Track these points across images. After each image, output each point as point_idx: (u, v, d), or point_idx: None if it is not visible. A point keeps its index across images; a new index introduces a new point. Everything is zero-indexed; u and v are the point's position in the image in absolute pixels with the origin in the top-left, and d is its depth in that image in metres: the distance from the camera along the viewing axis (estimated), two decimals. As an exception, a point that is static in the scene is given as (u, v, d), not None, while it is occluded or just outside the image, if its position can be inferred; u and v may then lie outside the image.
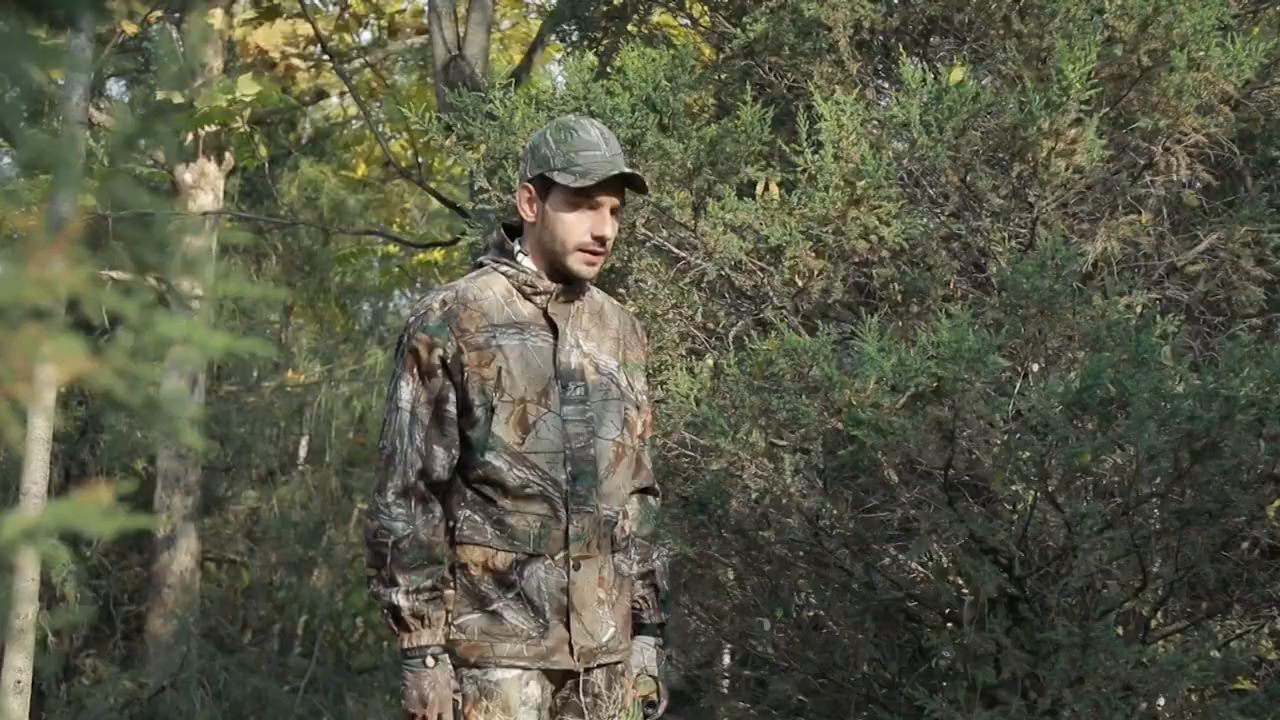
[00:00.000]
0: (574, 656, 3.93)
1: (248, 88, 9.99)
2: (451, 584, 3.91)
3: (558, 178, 3.90)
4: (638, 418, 4.11)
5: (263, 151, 10.89)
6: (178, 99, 9.61)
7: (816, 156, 5.37)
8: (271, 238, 12.13)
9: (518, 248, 4.04)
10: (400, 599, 3.81)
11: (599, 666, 4.01)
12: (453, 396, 3.89)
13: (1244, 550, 5.64)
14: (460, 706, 3.86)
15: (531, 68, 8.99)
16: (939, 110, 5.41)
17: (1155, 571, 5.40)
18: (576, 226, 3.91)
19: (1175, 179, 5.64)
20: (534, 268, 3.99)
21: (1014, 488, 5.32)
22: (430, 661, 3.83)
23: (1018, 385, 5.36)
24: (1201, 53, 5.41)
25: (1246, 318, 5.80)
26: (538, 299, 3.98)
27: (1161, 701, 5.38)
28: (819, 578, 5.69)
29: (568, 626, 3.92)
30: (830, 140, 5.41)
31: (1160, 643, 5.54)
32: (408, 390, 3.91)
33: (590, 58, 5.90)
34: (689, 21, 6.49)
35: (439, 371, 3.88)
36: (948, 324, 5.03)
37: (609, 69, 6.44)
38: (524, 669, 3.92)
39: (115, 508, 1.69)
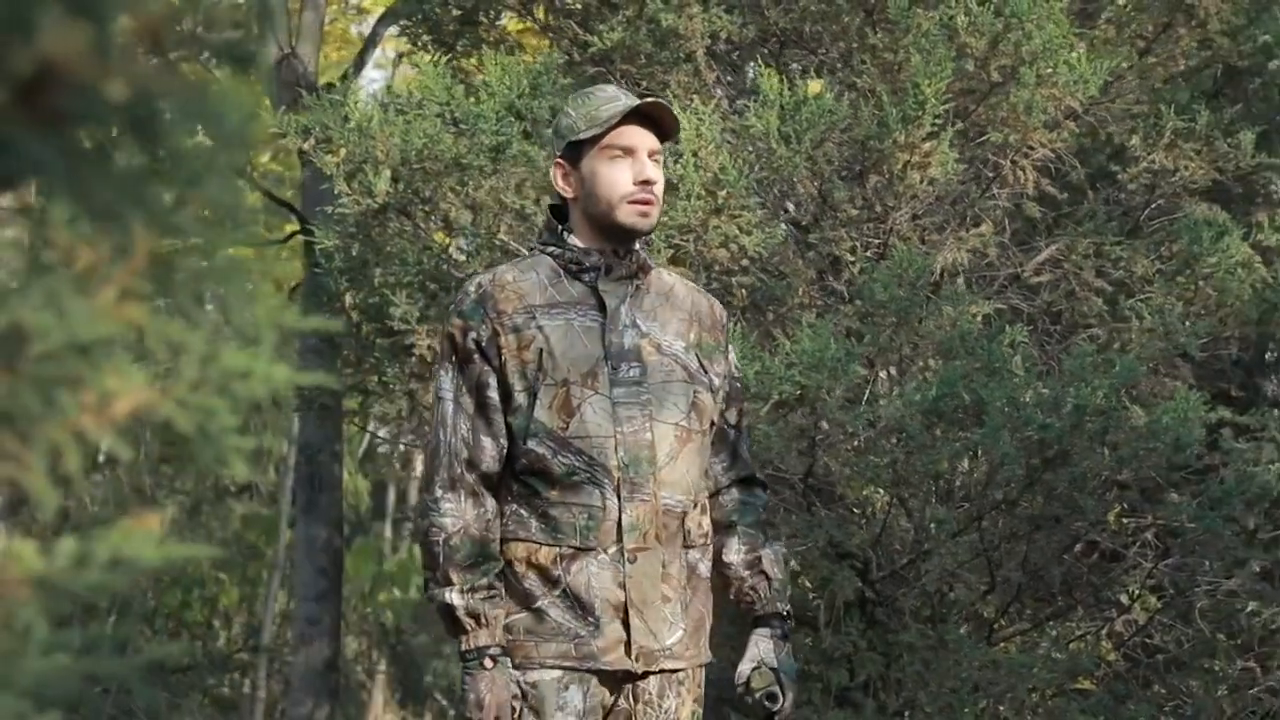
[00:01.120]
0: (632, 657, 3.65)
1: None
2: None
3: (584, 135, 3.69)
4: (713, 402, 3.82)
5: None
6: None
7: (677, 165, 5.42)
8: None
9: (562, 228, 3.85)
10: (455, 598, 3.60)
11: (658, 672, 3.71)
12: (493, 382, 3.67)
13: (1077, 554, 5.80)
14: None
15: (363, 67, 8.95)
16: (797, 122, 5.50)
17: (1002, 575, 5.54)
18: (618, 178, 3.68)
19: (1021, 191, 5.79)
20: (581, 245, 3.75)
21: (877, 493, 5.43)
22: (489, 663, 3.60)
23: (865, 394, 5.47)
24: (1049, 69, 5.56)
25: (1088, 327, 5.96)
26: (586, 276, 3.73)
27: (1003, 705, 5.51)
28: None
29: (626, 625, 3.65)
30: (690, 149, 5.47)
31: (1003, 644, 5.68)
32: (448, 379, 3.71)
33: (444, 62, 5.91)
34: (541, 28, 6.52)
35: (475, 356, 3.67)
36: (809, 333, 5.12)
37: (459, 72, 6.45)
38: (570, 669, 3.63)
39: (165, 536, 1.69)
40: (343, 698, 9.96)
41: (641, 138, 3.71)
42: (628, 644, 3.65)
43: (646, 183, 3.69)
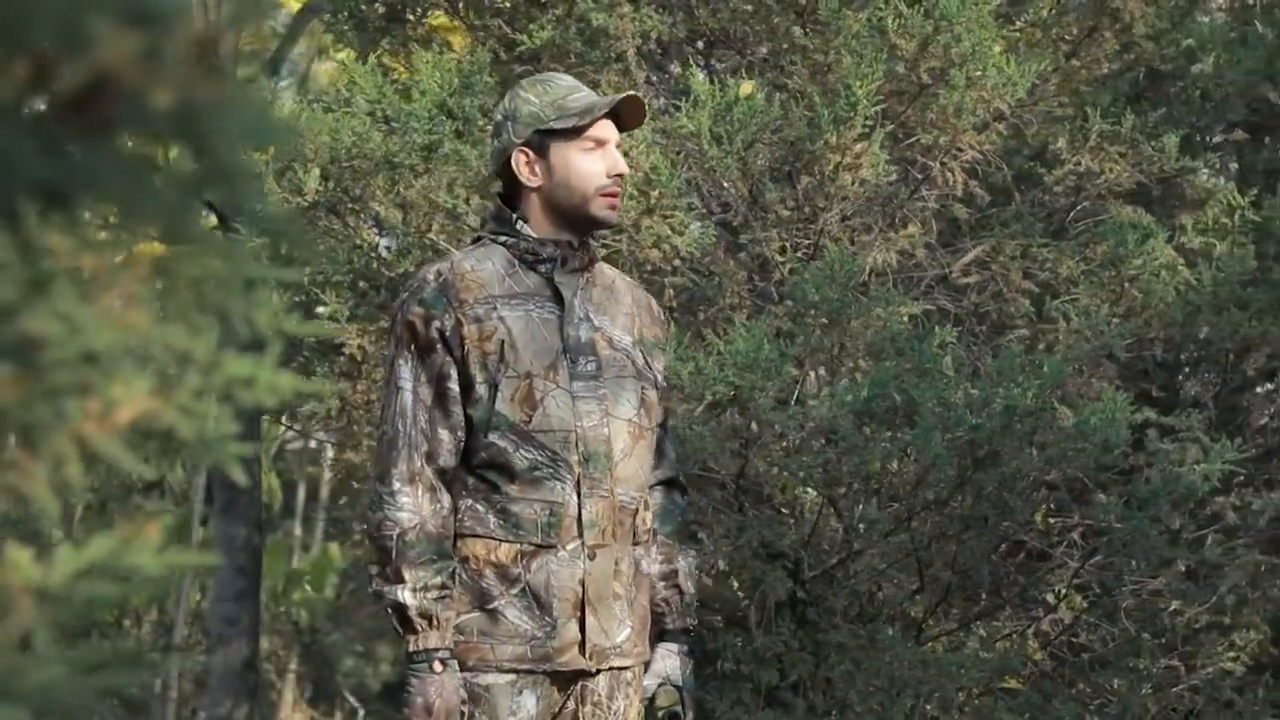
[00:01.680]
0: (586, 655, 3.64)
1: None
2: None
3: (557, 125, 3.67)
4: (657, 399, 3.82)
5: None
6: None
7: (609, 164, 5.41)
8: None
9: (515, 216, 3.78)
10: (406, 597, 3.52)
11: (608, 669, 3.69)
12: (454, 373, 3.61)
13: (1004, 554, 5.85)
14: None
15: (281, 63, 8.89)
16: (728, 122, 5.51)
17: (931, 574, 5.57)
18: (593, 170, 3.68)
19: (949, 193, 5.82)
20: (535, 235, 3.72)
21: (806, 493, 5.44)
22: (438, 666, 3.53)
23: (795, 393, 5.49)
24: (979, 72, 5.59)
25: (1014, 328, 6.00)
26: (542, 267, 3.70)
27: (930, 704, 5.54)
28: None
29: (581, 624, 3.63)
30: (621, 149, 5.45)
31: (931, 644, 5.71)
32: (407, 369, 3.62)
33: (374, 60, 5.88)
34: (468, 26, 6.49)
35: (438, 346, 3.60)
36: (743, 333, 5.13)
37: (385, 69, 6.41)
38: (526, 673, 3.60)
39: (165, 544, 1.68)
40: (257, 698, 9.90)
41: (610, 130, 3.73)
42: (582, 643, 3.63)
43: (620, 175, 3.70)
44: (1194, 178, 6.32)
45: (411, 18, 6.62)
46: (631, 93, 3.76)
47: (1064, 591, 5.77)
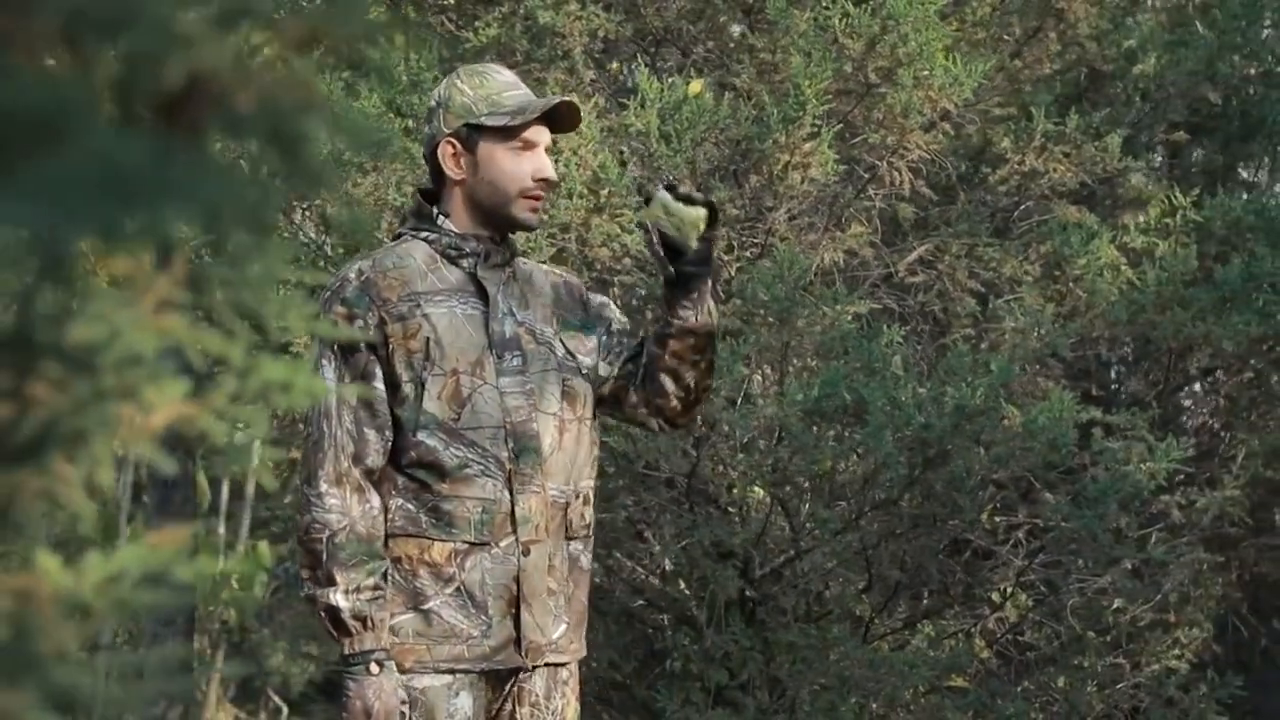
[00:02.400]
0: (522, 653, 3.59)
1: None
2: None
3: (487, 121, 3.58)
4: (586, 386, 3.73)
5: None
6: None
7: (558, 164, 5.39)
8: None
9: (436, 211, 3.73)
10: (339, 599, 3.46)
11: (544, 666, 3.64)
12: (379, 372, 3.55)
13: (949, 552, 5.87)
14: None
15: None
16: (677, 121, 5.50)
17: (878, 573, 5.59)
18: (517, 172, 3.59)
19: (895, 192, 5.84)
20: (457, 230, 3.64)
21: (756, 492, 5.45)
22: (375, 668, 3.48)
23: (742, 393, 5.49)
24: (926, 72, 5.60)
25: (960, 328, 6.03)
26: (464, 262, 3.63)
27: (877, 702, 5.55)
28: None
29: (516, 621, 3.58)
30: (570, 148, 5.45)
31: (878, 642, 5.73)
32: (330, 369, 3.54)
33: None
34: (412, 22, 6.44)
35: (361, 346, 3.54)
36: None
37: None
38: (463, 673, 3.54)
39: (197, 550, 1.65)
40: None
41: (542, 133, 3.64)
42: (518, 640, 3.61)
43: (546, 181, 3.65)
44: (1129, 178, 6.35)
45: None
46: (566, 97, 3.71)
47: (1010, 590, 5.80)
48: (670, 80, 5.65)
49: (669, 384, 3.69)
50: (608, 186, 5.42)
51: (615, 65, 6.42)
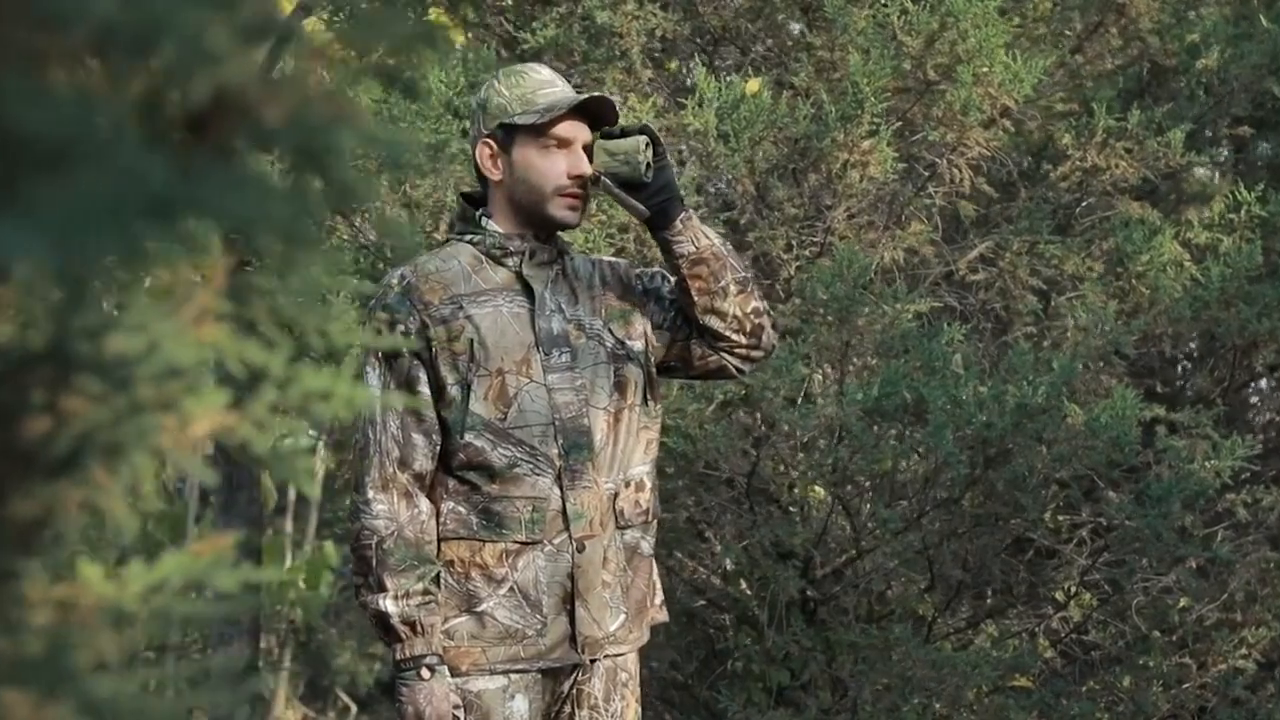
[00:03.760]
0: (578, 649, 3.58)
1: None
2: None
3: (520, 120, 3.58)
4: (638, 370, 3.70)
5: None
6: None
7: (615, 164, 5.39)
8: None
9: (479, 213, 3.71)
10: (388, 605, 3.48)
11: (604, 667, 3.63)
12: (424, 376, 3.57)
13: (1012, 551, 5.84)
14: None
15: (278, 62, 8.83)
16: (735, 120, 5.48)
17: (940, 573, 5.56)
18: (551, 170, 3.59)
19: (956, 190, 5.81)
20: (501, 230, 3.65)
21: (817, 491, 5.43)
22: (425, 673, 3.48)
23: (803, 391, 5.48)
24: (985, 69, 5.57)
25: (1022, 326, 5.99)
26: (509, 261, 3.63)
27: (940, 702, 5.53)
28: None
29: (571, 617, 3.57)
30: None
31: (941, 642, 5.70)
32: (375, 375, 3.59)
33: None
34: (470, 24, 6.45)
35: (404, 351, 3.56)
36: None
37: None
38: (519, 673, 3.55)
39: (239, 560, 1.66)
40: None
41: (577, 130, 3.61)
42: (573, 636, 3.59)
43: (580, 177, 3.62)
44: (1192, 174, 6.30)
45: (412, 16, 6.58)
46: (598, 93, 3.69)
47: (1074, 589, 5.76)
48: (729, 79, 5.63)
49: (715, 322, 3.66)
50: (672, 187, 5.41)
51: (674, 64, 6.41)
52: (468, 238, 3.66)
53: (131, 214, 0.89)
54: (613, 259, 3.89)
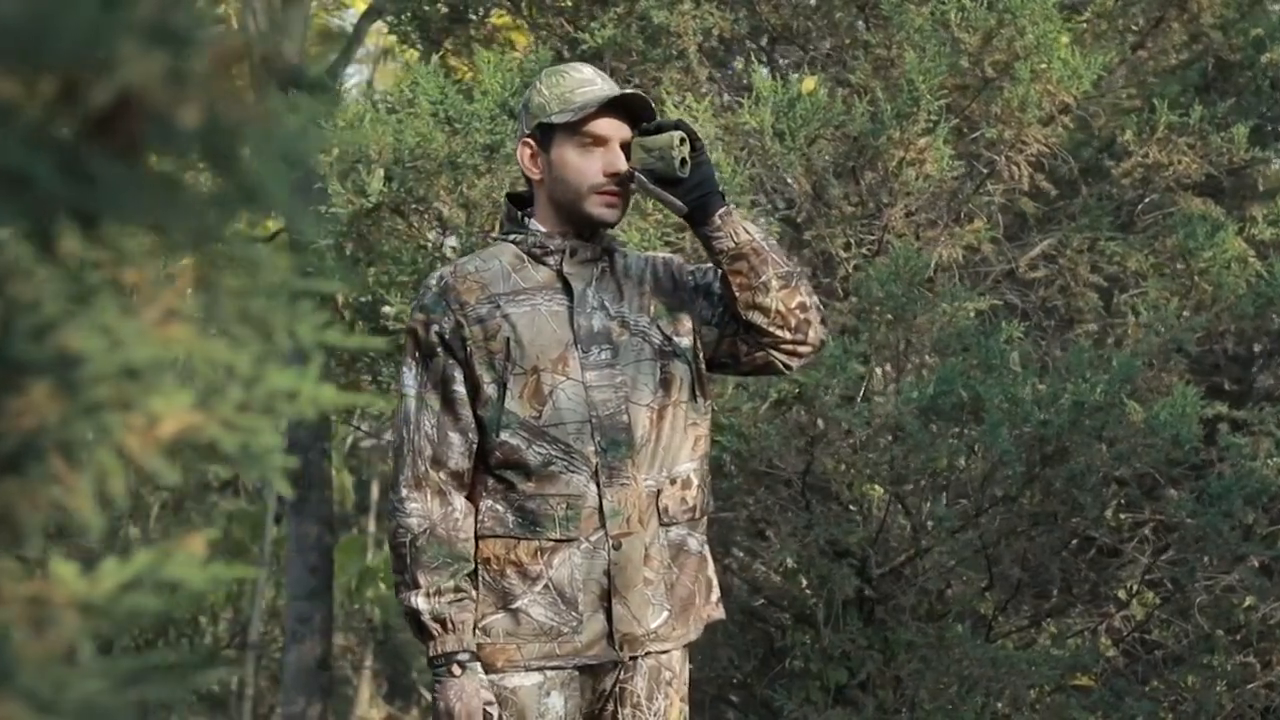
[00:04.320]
0: (616, 645, 3.56)
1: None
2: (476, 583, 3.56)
3: (556, 119, 3.58)
4: (686, 366, 3.68)
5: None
6: None
7: (672, 163, 5.40)
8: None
9: (524, 213, 3.66)
10: (420, 602, 3.49)
11: (646, 655, 3.60)
12: (459, 375, 3.56)
13: (1074, 550, 5.81)
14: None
15: (347, 64, 8.92)
16: (791, 118, 5.48)
17: (1000, 571, 5.54)
18: (588, 168, 3.57)
19: (1015, 187, 5.78)
20: (543, 229, 3.63)
21: (873, 490, 5.42)
22: (457, 670, 3.48)
23: (861, 390, 5.47)
24: (1043, 65, 5.55)
25: (1082, 323, 5.96)
26: (550, 260, 3.62)
27: (1002, 701, 5.50)
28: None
29: (609, 614, 3.55)
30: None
31: (1001, 641, 5.68)
32: (411, 375, 3.60)
33: (436, 60, 5.88)
34: (530, 25, 6.49)
35: (439, 350, 3.56)
36: (808, 331, 5.11)
37: (449, 69, 6.42)
38: (555, 670, 3.53)
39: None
40: (332, 694, 9.95)
41: (615, 128, 3.59)
42: (610, 634, 3.59)
43: (616, 175, 3.62)
44: (1264, 168, 6.25)
45: (474, 17, 6.62)
46: (630, 90, 3.68)
47: (1136, 588, 5.73)
48: (789, 77, 5.63)
49: (757, 317, 3.63)
50: (722, 185, 5.41)
51: (739, 64, 6.42)
52: (512, 237, 3.67)
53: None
54: (667, 255, 3.88)
